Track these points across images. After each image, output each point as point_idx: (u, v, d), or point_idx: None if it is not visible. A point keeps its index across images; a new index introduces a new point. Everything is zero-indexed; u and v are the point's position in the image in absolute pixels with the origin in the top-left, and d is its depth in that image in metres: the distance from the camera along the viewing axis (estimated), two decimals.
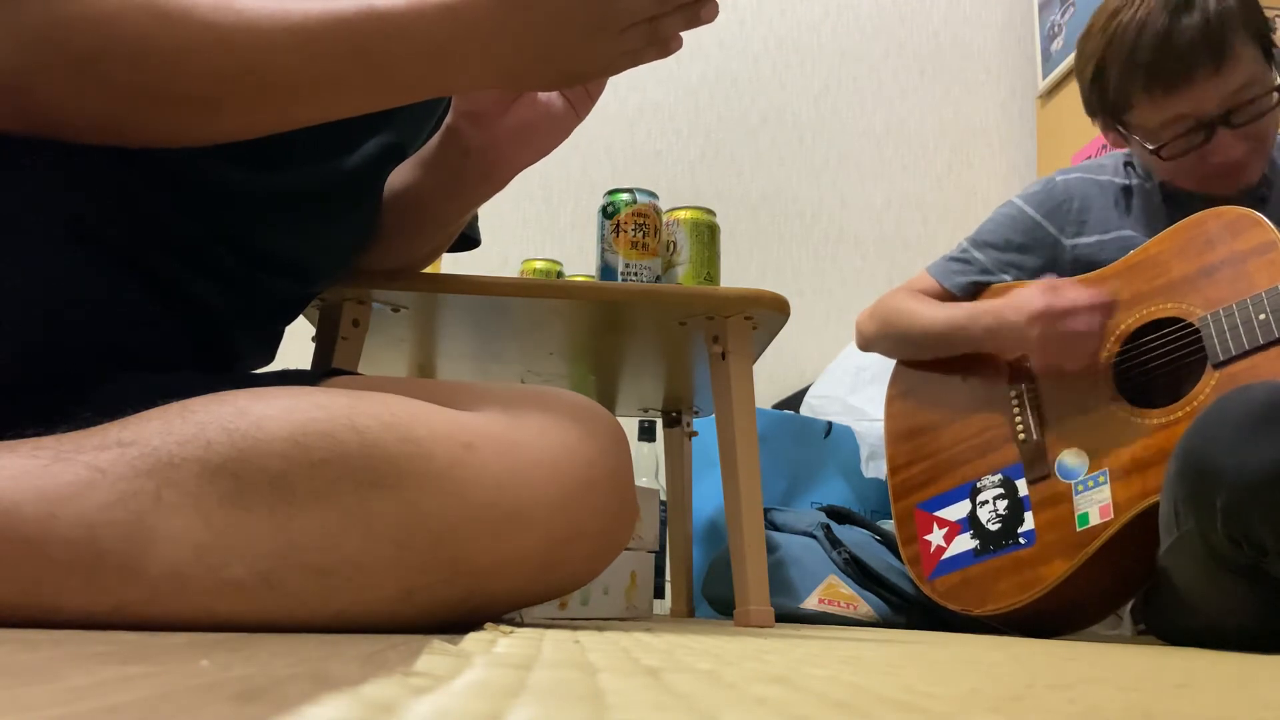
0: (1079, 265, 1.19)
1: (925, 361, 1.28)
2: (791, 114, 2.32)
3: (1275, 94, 1.06)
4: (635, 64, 0.64)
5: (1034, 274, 1.22)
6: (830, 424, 1.69)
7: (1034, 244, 1.23)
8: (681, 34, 0.64)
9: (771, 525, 1.39)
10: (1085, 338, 1.08)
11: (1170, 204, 1.16)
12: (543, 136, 0.76)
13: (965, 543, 1.17)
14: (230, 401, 0.51)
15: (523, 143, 0.76)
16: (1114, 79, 1.10)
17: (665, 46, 0.64)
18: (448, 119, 0.77)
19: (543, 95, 0.75)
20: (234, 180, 0.65)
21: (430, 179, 0.81)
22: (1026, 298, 1.12)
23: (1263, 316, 0.97)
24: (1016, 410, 1.16)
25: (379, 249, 0.88)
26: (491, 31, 0.60)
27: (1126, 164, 1.22)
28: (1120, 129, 1.14)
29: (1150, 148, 1.10)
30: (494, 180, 0.80)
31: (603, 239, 1.04)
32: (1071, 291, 1.09)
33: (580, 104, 0.76)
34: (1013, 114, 2.40)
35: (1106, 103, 1.13)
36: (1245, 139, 1.07)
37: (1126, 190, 1.20)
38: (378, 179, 0.79)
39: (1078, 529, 1.06)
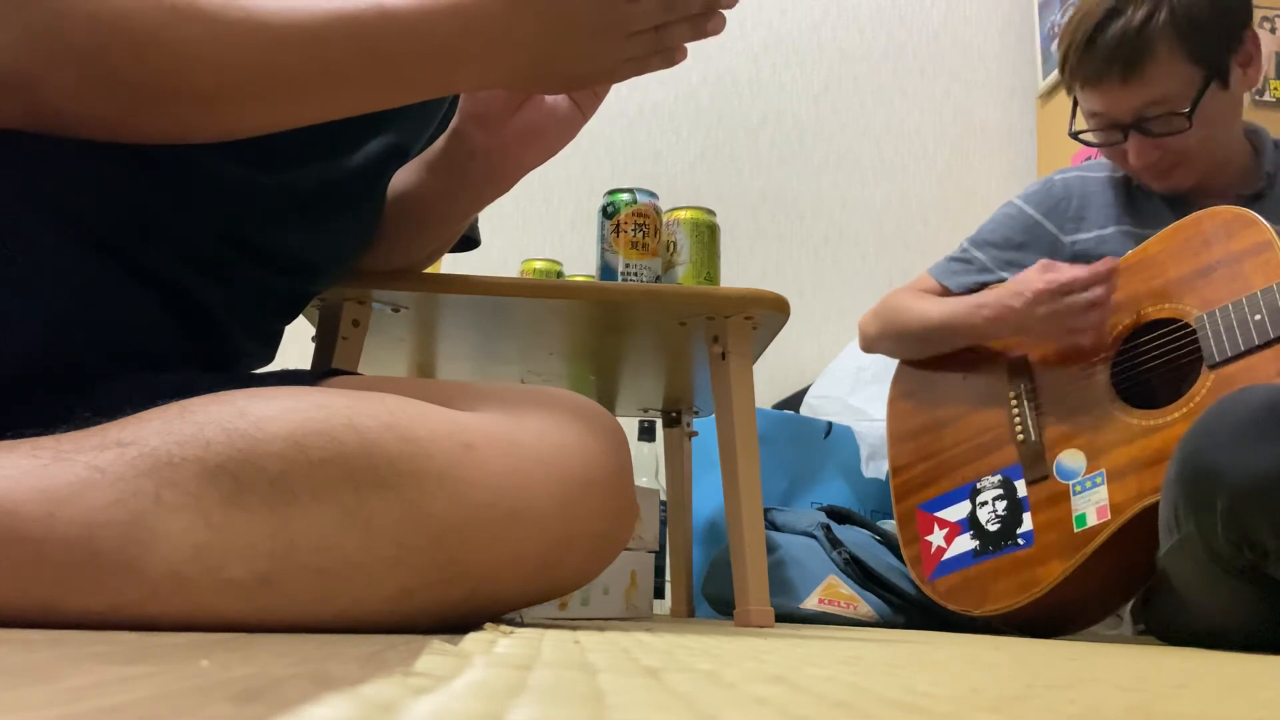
0: (1078, 261, 1.20)
1: (927, 363, 1.28)
2: (791, 114, 2.32)
3: (1185, 119, 1.06)
4: (640, 72, 0.65)
5: None
6: (830, 424, 1.69)
7: (1033, 242, 1.24)
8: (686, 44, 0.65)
9: (771, 525, 1.39)
10: (1091, 309, 1.08)
11: (1168, 199, 1.17)
12: (550, 138, 0.76)
13: (965, 543, 1.17)
14: (229, 401, 0.51)
15: (530, 145, 0.76)
16: (1060, 61, 1.16)
17: (670, 56, 0.65)
18: (454, 121, 0.77)
19: (549, 97, 0.75)
20: (236, 179, 0.65)
21: (436, 181, 0.81)
22: (1025, 281, 1.12)
23: (1258, 316, 0.97)
24: (1015, 411, 1.16)
25: (382, 249, 0.88)
26: (498, 32, 0.60)
27: None
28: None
29: (1070, 132, 1.16)
30: (501, 182, 0.80)
31: (603, 239, 1.04)
32: (1068, 268, 1.10)
33: (586, 104, 0.76)
34: (1013, 114, 2.40)
35: (1065, 80, 1.18)
36: (1159, 148, 1.10)
37: (1125, 186, 1.21)
38: (380, 179, 0.79)
39: (1075, 530, 1.06)
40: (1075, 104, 1.17)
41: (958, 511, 1.19)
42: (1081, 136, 1.15)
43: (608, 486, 0.59)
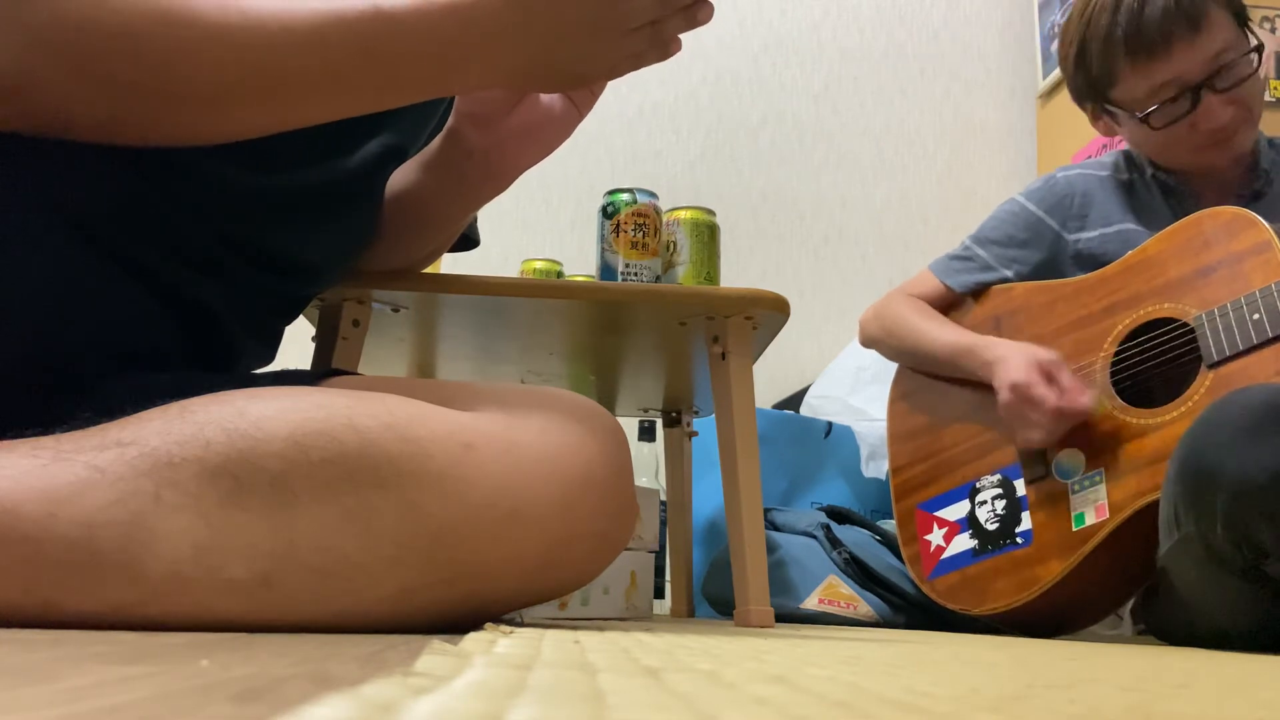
0: (1081, 260, 1.20)
1: None
2: (791, 114, 2.32)
3: (1254, 55, 1.08)
4: (637, 67, 0.65)
5: (1036, 269, 1.23)
6: (830, 424, 1.69)
7: (1036, 239, 1.24)
8: (680, 36, 0.65)
9: (771, 525, 1.39)
10: (1040, 431, 1.07)
11: (1169, 198, 1.17)
12: (546, 136, 0.76)
13: (964, 542, 1.17)
14: (229, 401, 0.51)
15: (526, 143, 0.76)
16: (1096, 55, 1.12)
17: (666, 49, 0.65)
18: (450, 121, 0.77)
19: (545, 96, 0.75)
20: (235, 180, 0.65)
21: (433, 180, 0.81)
22: (1017, 359, 1.10)
23: (1256, 316, 0.97)
24: None
25: (380, 249, 0.88)
26: (495, 32, 0.60)
27: (1127, 159, 1.22)
28: (1109, 110, 1.16)
29: (1139, 115, 1.11)
30: (498, 181, 0.80)
31: (603, 239, 1.04)
32: (1053, 389, 1.06)
33: (583, 102, 0.76)
34: (1013, 114, 2.40)
35: (1091, 82, 1.15)
36: (1231, 103, 1.09)
37: (1128, 185, 1.21)
38: (378, 180, 0.79)
39: (1074, 529, 1.06)
40: (1104, 105, 1.14)
41: (957, 511, 1.19)
42: (1152, 119, 1.10)
43: (608, 486, 0.59)
